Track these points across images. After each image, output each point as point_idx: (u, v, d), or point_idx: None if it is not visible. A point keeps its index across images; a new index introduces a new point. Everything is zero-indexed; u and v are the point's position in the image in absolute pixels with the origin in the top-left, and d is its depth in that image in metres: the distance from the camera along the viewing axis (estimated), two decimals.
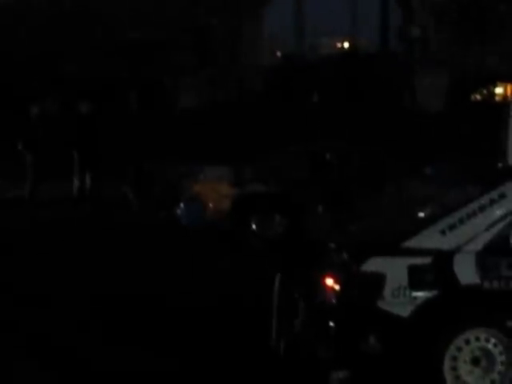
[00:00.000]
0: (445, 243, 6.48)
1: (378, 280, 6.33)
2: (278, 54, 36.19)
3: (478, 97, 32.63)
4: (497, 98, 31.87)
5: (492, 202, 6.63)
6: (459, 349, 6.36)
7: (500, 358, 6.38)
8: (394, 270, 6.35)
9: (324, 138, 21.12)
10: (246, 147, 20.43)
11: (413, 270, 6.36)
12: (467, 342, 6.37)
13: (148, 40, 28.68)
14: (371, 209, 12.11)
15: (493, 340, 6.39)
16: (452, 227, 6.52)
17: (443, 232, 6.52)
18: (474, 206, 6.63)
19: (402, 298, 6.32)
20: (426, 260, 6.40)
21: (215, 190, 15.54)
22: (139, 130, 25.67)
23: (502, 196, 6.65)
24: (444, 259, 6.41)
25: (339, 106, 28.76)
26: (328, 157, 17.13)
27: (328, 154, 17.22)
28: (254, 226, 14.65)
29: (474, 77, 31.19)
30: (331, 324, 6.48)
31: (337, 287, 6.47)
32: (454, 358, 6.34)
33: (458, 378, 6.36)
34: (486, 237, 6.51)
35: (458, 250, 6.45)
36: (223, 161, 17.56)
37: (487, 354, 6.38)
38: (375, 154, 17.11)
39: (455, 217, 6.58)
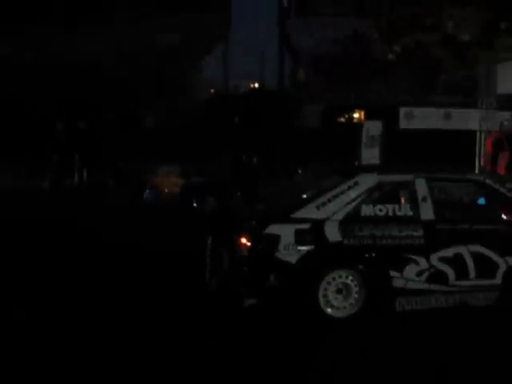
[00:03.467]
0: (319, 215, 6.54)
1: (275, 239, 6.37)
2: (212, 91, 35.97)
3: (343, 119, 32.71)
4: (354, 120, 31.87)
5: (349, 187, 6.72)
6: (328, 283, 6.44)
7: (355, 289, 6.48)
8: (285, 232, 6.40)
9: (242, 147, 21.25)
10: (190, 152, 20.42)
11: (298, 232, 6.41)
12: (333, 278, 6.46)
13: (123, 79, 28.50)
14: (271, 193, 12.35)
15: (350, 277, 6.48)
16: (323, 204, 6.61)
17: (318, 207, 6.59)
18: (337, 190, 6.72)
19: (291, 251, 6.36)
20: (306, 226, 6.47)
21: (168, 181, 15.59)
22: (118, 142, 25.48)
23: (356, 184, 6.75)
24: (318, 225, 6.48)
25: (252, 126, 28.86)
26: (244, 159, 17.28)
27: (244, 157, 17.38)
28: (194, 205, 14.65)
29: (340, 106, 31.41)
30: (245, 268, 6.55)
31: (248, 244, 6.49)
32: (325, 289, 6.43)
33: (328, 301, 6.44)
34: (345, 210, 6.60)
35: (327, 219, 6.53)
36: (174, 161, 17.50)
37: (347, 286, 6.48)
38: (275, 157, 17.30)
39: (325, 197, 6.66)
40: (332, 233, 6.49)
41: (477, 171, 17.95)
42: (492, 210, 7.09)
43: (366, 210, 6.67)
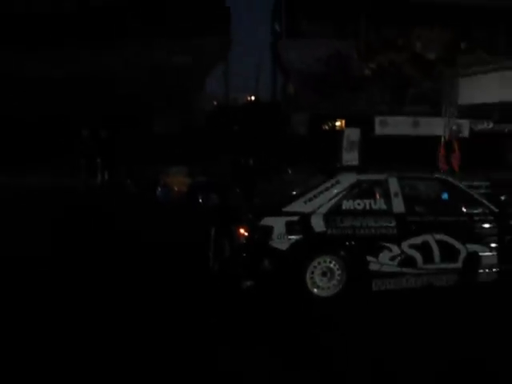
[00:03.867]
0: (306, 208, 6.53)
1: (269, 230, 6.35)
2: (215, 103, 35.90)
3: (326, 127, 32.63)
4: (337, 128, 31.77)
5: (332, 185, 6.71)
6: (314, 267, 6.44)
7: (337, 272, 6.48)
8: (278, 224, 6.38)
9: (240, 151, 21.21)
10: (196, 155, 20.34)
11: (288, 224, 6.40)
12: (319, 263, 6.46)
13: (137, 95, 28.46)
14: (265, 191, 12.33)
15: (333, 262, 6.48)
16: (310, 199, 6.59)
17: (305, 202, 6.58)
18: (322, 187, 6.71)
19: (282, 240, 6.34)
20: (296, 218, 6.45)
21: (177, 180, 15.52)
22: (134, 147, 25.47)
23: (338, 182, 6.74)
24: (306, 218, 6.47)
25: (250, 133, 28.83)
26: (242, 161, 17.24)
27: (242, 159, 17.34)
28: (200, 201, 14.59)
29: (324, 115, 31.32)
30: (243, 255, 6.50)
31: (246, 234, 6.45)
32: (312, 272, 6.43)
33: (314, 283, 6.43)
34: (329, 205, 6.58)
35: (313, 212, 6.52)
36: (183, 163, 17.46)
37: (330, 270, 6.47)
38: (268, 160, 17.24)
39: (312, 194, 6.65)
40: (317, 224, 6.48)
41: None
42: (454, 204, 7.09)
43: (347, 205, 6.67)
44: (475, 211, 6.96)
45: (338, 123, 31.84)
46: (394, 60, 31.04)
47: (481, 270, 6.92)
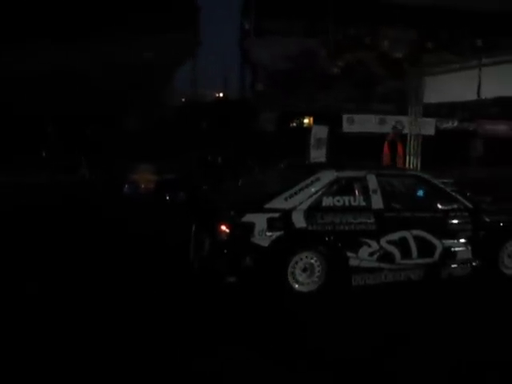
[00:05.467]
0: (287, 205, 6.55)
1: (251, 226, 6.35)
2: (183, 99, 35.68)
3: (294, 124, 32.70)
4: (304, 125, 31.86)
5: (312, 182, 6.75)
6: (296, 263, 6.49)
7: (317, 268, 6.55)
8: (259, 220, 6.38)
9: (208, 147, 21.16)
10: (164, 152, 20.18)
11: (269, 220, 6.40)
12: (300, 259, 6.51)
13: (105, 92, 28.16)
14: (233, 187, 12.37)
15: (314, 258, 6.53)
16: (291, 196, 6.62)
17: (286, 199, 6.59)
18: (302, 184, 6.74)
19: (263, 236, 6.35)
20: (277, 215, 6.46)
21: (145, 177, 15.38)
22: (103, 143, 25.33)
23: (317, 179, 6.79)
24: (287, 214, 6.50)
25: (217, 129, 28.75)
26: (209, 158, 17.20)
27: (209, 156, 17.30)
28: (167, 198, 14.53)
29: (292, 113, 31.42)
30: (225, 251, 6.46)
31: (228, 231, 6.40)
32: (293, 268, 6.48)
33: (295, 278, 6.48)
34: (309, 202, 6.62)
35: (294, 209, 6.55)
36: (150, 160, 17.30)
37: (311, 265, 6.53)
38: (238, 157, 17.19)
39: (292, 190, 6.67)
40: (298, 220, 6.52)
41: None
42: (430, 201, 7.22)
43: (327, 201, 6.72)
44: (451, 207, 7.10)
45: (306, 120, 31.93)
46: (361, 58, 31.32)
47: (456, 265, 7.08)
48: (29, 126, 26.34)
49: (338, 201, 6.75)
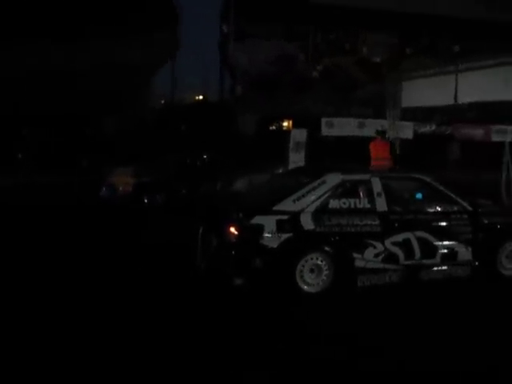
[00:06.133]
0: (295, 207, 6.68)
1: (260, 228, 6.46)
2: (162, 101, 35.58)
3: (274, 127, 32.77)
4: (284, 128, 31.95)
5: (319, 184, 6.88)
6: (303, 264, 6.59)
7: (325, 268, 6.66)
8: (268, 222, 6.49)
9: (187, 149, 21.17)
10: (142, 155, 20.06)
11: (279, 222, 6.52)
12: (307, 260, 6.61)
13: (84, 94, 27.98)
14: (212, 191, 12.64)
15: (320, 259, 6.65)
16: (299, 198, 6.74)
17: (294, 201, 6.72)
18: (309, 187, 6.87)
19: (273, 238, 6.46)
20: (286, 217, 6.58)
21: (123, 180, 15.28)
22: (81, 146, 25.14)
23: (324, 182, 6.93)
24: (295, 216, 6.62)
25: (197, 132, 28.68)
26: (188, 160, 17.21)
27: (188, 158, 17.30)
28: (145, 201, 14.49)
29: (272, 116, 31.53)
30: (233, 253, 6.55)
31: (236, 233, 6.50)
32: (301, 269, 6.59)
33: (302, 278, 6.58)
34: (316, 204, 6.75)
35: (302, 211, 6.67)
36: (128, 163, 17.21)
37: (318, 266, 6.64)
38: (216, 158, 17.22)
39: (300, 193, 6.80)
40: (307, 222, 6.64)
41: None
42: (431, 203, 7.40)
43: (333, 204, 6.86)
44: (451, 209, 7.30)
45: (285, 124, 32.05)
46: (340, 63, 31.64)
47: (456, 266, 7.26)
48: (4, 127, 26.01)
49: (344, 203, 6.89)
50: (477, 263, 7.33)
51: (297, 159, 23.53)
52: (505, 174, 15.69)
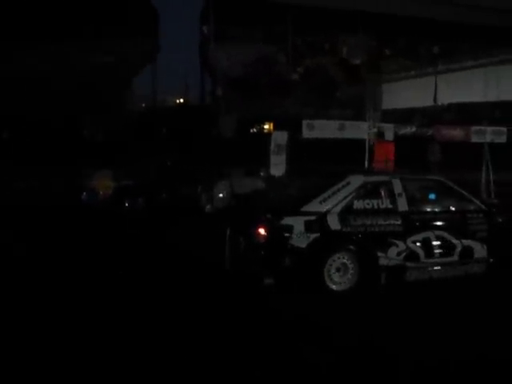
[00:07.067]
0: (322, 208, 6.91)
1: (289, 228, 6.66)
2: (143, 105, 35.50)
3: (255, 130, 32.88)
4: (265, 131, 32.06)
5: (343, 186, 7.13)
6: (331, 264, 6.81)
7: (351, 266, 6.88)
8: (297, 223, 6.70)
9: (168, 152, 21.24)
10: (122, 159, 20.00)
11: (307, 223, 6.74)
12: (334, 259, 6.83)
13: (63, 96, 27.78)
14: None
15: (346, 258, 6.88)
16: (325, 199, 6.98)
17: (321, 202, 6.96)
18: (335, 188, 7.11)
19: (301, 238, 6.66)
20: (313, 217, 6.80)
21: (103, 184, 15.28)
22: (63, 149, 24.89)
23: (348, 183, 7.18)
24: (322, 217, 6.84)
25: (177, 135, 28.72)
26: (169, 163, 17.29)
27: (169, 161, 17.39)
28: (126, 204, 14.53)
29: (253, 118, 31.68)
30: (262, 253, 6.74)
31: (265, 233, 6.69)
32: (329, 268, 6.80)
33: (330, 276, 6.79)
34: (342, 205, 6.99)
35: (328, 211, 6.90)
36: (108, 167, 17.17)
37: (344, 265, 6.87)
38: (196, 163, 17.35)
39: (326, 194, 7.03)
40: (333, 222, 6.87)
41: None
42: (448, 202, 7.69)
43: (357, 204, 7.11)
44: (467, 209, 7.61)
45: (266, 126, 32.19)
46: (321, 62, 31.97)
47: (473, 263, 7.57)
48: None
49: (368, 204, 7.15)
50: (492, 260, 7.63)
51: (278, 161, 23.78)
52: (485, 173, 16.22)
